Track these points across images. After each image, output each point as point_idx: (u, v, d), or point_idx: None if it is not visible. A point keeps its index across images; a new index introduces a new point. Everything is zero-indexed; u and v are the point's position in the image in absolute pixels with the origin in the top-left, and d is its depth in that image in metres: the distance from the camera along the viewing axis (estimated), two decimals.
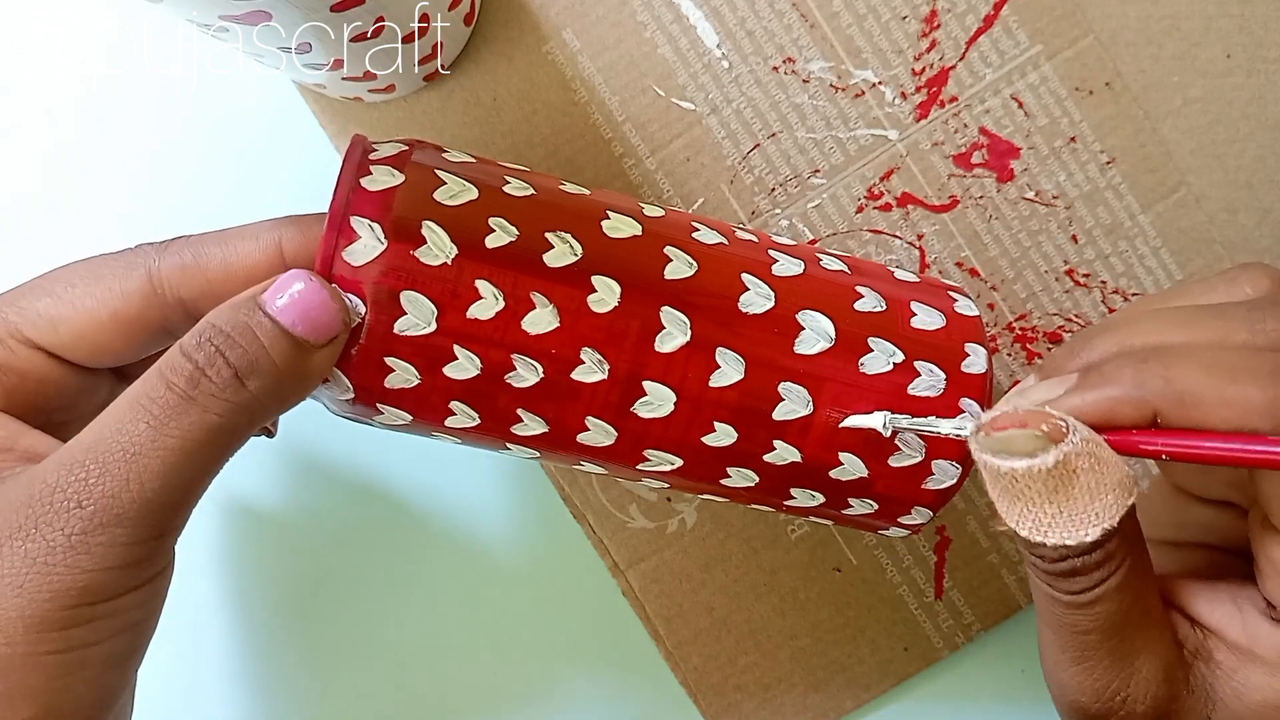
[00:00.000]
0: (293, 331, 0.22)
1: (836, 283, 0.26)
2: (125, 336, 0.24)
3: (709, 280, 0.25)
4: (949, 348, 0.26)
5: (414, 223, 0.23)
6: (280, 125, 0.35)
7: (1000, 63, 0.34)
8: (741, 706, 0.35)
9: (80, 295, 0.24)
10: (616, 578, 0.35)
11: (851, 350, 0.25)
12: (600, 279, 0.24)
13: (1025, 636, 0.36)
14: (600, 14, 0.34)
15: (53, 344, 0.24)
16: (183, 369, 0.21)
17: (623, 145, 0.34)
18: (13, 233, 0.36)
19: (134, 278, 0.24)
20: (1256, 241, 0.35)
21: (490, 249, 0.23)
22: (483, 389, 0.24)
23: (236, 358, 0.21)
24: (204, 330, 0.21)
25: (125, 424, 0.21)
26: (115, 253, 0.25)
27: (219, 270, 0.24)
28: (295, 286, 0.22)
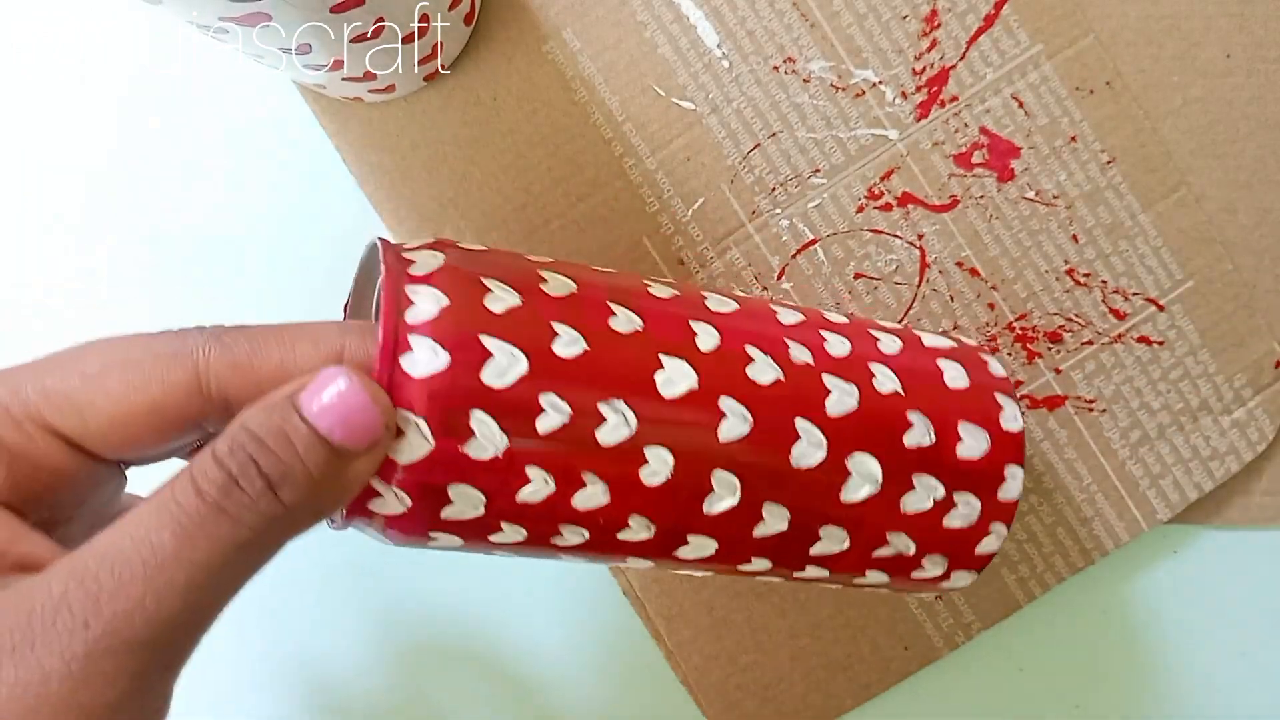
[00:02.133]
0: (330, 438, 0.20)
1: (889, 410, 0.26)
2: (158, 430, 0.21)
3: (763, 437, 0.24)
4: (990, 474, 0.27)
5: (463, 416, 0.22)
6: (280, 125, 0.35)
7: (1001, 62, 0.34)
8: (742, 705, 0.35)
9: (115, 381, 0.21)
10: (617, 577, 0.35)
11: (896, 490, 0.26)
12: (653, 450, 0.23)
13: (1025, 636, 0.37)
14: (600, 14, 0.34)
15: (77, 433, 0.21)
16: (216, 477, 0.19)
17: (623, 145, 0.34)
18: (10, 231, 0.36)
19: (179, 369, 0.21)
20: (1257, 241, 0.35)
21: (542, 435, 0.22)
22: (527, 548, 0.24)
23: (270, 466, 0.19)
24: (237, 435, 0.19)
25: (148, 532, 0.19)
26: (156, 335, 0.22)
27: (273, 373, 0.21)
28: (335, 386, 0.20)
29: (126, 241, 0.36)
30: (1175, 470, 0.35)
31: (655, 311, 0.25)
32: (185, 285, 0.36)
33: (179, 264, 0.36)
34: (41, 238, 0.36)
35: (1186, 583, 0.37)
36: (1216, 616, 0.37)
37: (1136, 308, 0.35)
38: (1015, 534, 0.35)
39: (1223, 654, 0.37)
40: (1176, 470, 0.35)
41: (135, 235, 0.36)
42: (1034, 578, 0.35)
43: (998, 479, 0.27)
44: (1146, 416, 0.35)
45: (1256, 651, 0.37)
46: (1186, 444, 0.35)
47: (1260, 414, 0.35)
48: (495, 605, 0.36)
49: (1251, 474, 0.36)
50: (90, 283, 0.36)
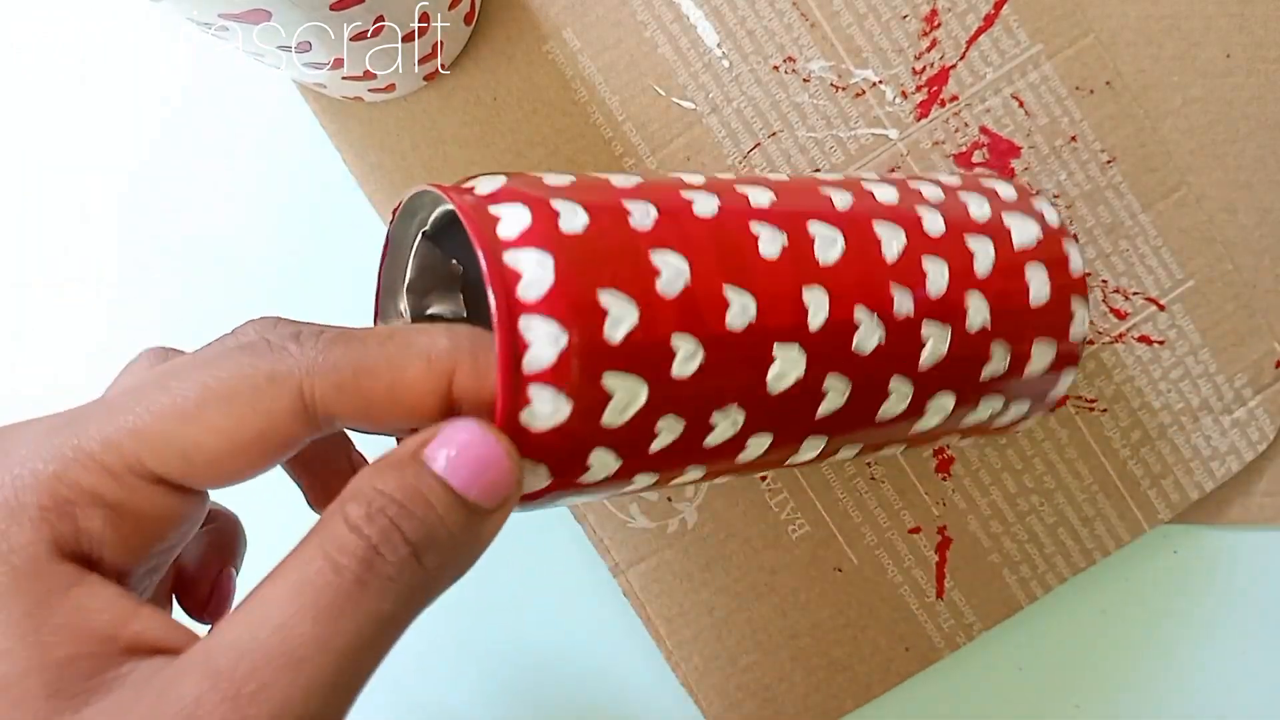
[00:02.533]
0: (466, 496, 0.19)
1: (975, 348, 0.26)
2: (265, 458, 0.19)
3: (855, 402, 0.25)
4: (1045, 384, 0.29)
5: (582, 456, 0.22)
6: (280, 125, 0.35)
7: (1001, 62, 0.34)
8: (743, 706, 0.35)
9: (217, 416, 0.19)
10: (617, 578, 0.35)
11: (964, 413, 0.28)
12: (755, 439, 0.24)
13: (1026, 636, 0.37)
14: (600, 13, 0.34)
15: (180, 475, 0.19)
16: (354, 548, 0.17)
17: (623, 145, 0.34)
18: (10, 231, 0.36)
19: (283, 396, 0.19)
20: (1257, 241, 0.35)
21: (654, 453, 0.22)
22: (658, 488, 0.25)
23: (412, 530, 0.18)
24: (373, 499, 0.18)
25: (288, 621, 0.17)
26: (245, 351, 0.19)
27: (383, 395, 0.19)
28: (463, 440, 0.19)
29: (126, 241, 0.35)
30: (1176, 470, 0.35)
31: (767, 285, 0.23)
32: (186, 285, 0.36)
33: (179, 263, 0.36)
34: (42, 237, 0.36)
35: (1186, 583, 0.37)
36: (1216, 616, 0.37)
37: (1137, 307, 0.35)
38: (1016, 534, 0.35)
39: (1223, 654, 0.37)
40: (1177, 470, 0.35)
41: (135, 235, 0.35)
42: (1035, 578, 0.35)
43: (1050, 384, 0.29)
44: (1147, 416, 0.35)
45: (1256, 651, 0.37)
46: (1187, 444, 0.35)
47: (1261, 413, 0.35)
48: (495, 605, 0.36)
49: (1252, 474, 0.36)
50: (90, 282, 0.36)
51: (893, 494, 0.35)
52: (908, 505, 0.35)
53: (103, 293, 0.36)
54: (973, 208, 0.28)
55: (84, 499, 0.18)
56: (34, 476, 0.18)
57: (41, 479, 0.18)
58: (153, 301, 0.35)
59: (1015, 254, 0.27)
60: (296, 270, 0.35)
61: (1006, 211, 0.28)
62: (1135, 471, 0.35)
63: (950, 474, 0.35)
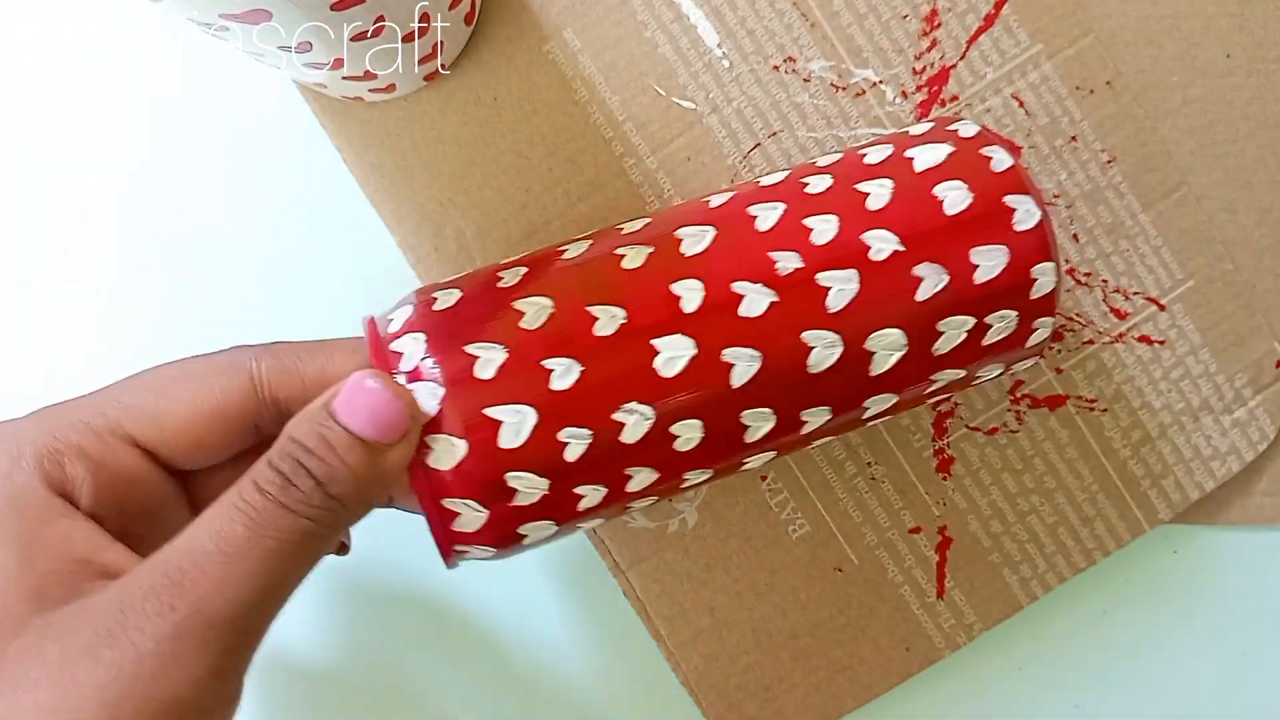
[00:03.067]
0: (364, 436, 0.22)
1: (892, 275, 0.26)
2: (224, 432, 0.24)
3: (774, 364, 0.25)
4: (1017, 286, 0.27)
5: (500, 482, 0.24)
6: (280, 125, 0.35)
7: (1001, 62, 0.34)
8: (743, 706, 0.35)
9: (183, 391, 0.24)
10: (617, 578, 0.35)
11: (927, 344, 0.26)
12: (681, 425, 0.25)
13: (1027, 636, 0.37)
14: (600, 13, 0.34)
15: (154, 440, 0.24)
16: (273, 478, 0.22)
17: (623, 144, 0.34)
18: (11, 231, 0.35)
19: (237, 376, 0.24)
20: (1257, 241, 0.35)
21: (572, 461, 0.25)
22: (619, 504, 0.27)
23: (316, 468, 0.22)
24: (285, 444, 0.22)
25: (222, 525, 0.21)
26: (213, 353, 0.25)
27: (315, 377, 0.25)
28: (362, 391, 0.23)
29: (126, 241, 0.35)
30: (1177, 470, 0.35)
31: (633, 294, 0.25)
32: (186, 285, 0.36)
33: (179, 263, 0.35)
34: (42, 237, 0.35)
35: (1186, 583, 0.37)
36: (1216, 616, 0.37)
37: (1137, 307, 0.35)
38: (1017, 534, 0.35)
39: (1223, 654, 0.37)
40: (1178, 470, 0.35)
41: (135, 235, 0.35)
42: (1035, 578, 0.35)
43: (1027, 284, 0.27)
44: (1147, 416, 0.35)
45: (1256, 651, 0.37)
46: (1188, 443, 0.35)
47: (1261, 413, 0.35)
48: (495, 605, 0.36)
49: (1252, 474, 0.36)
50: (90, 283, 0.36)
51: (893, 494, 0.35)
52: (908, 505, 0.35)
53: (103, 293, 0.36)
54: (870, 157, 0.28)
55: (71, 451, 0.23)
56: (33, 431, 0.23)
57: (38, 434, 0.23)
58: (152, 301, 0.35)
59: (918, 177, 0.27)
60: (296, 270, 0.35)
61: (912, 147, 0.28)
62: (1135, 471, 0.35)
63: (950, 474, 0.35)
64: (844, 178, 0.27)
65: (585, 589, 0.36)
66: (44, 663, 0.20)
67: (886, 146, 0.28)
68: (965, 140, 0.28)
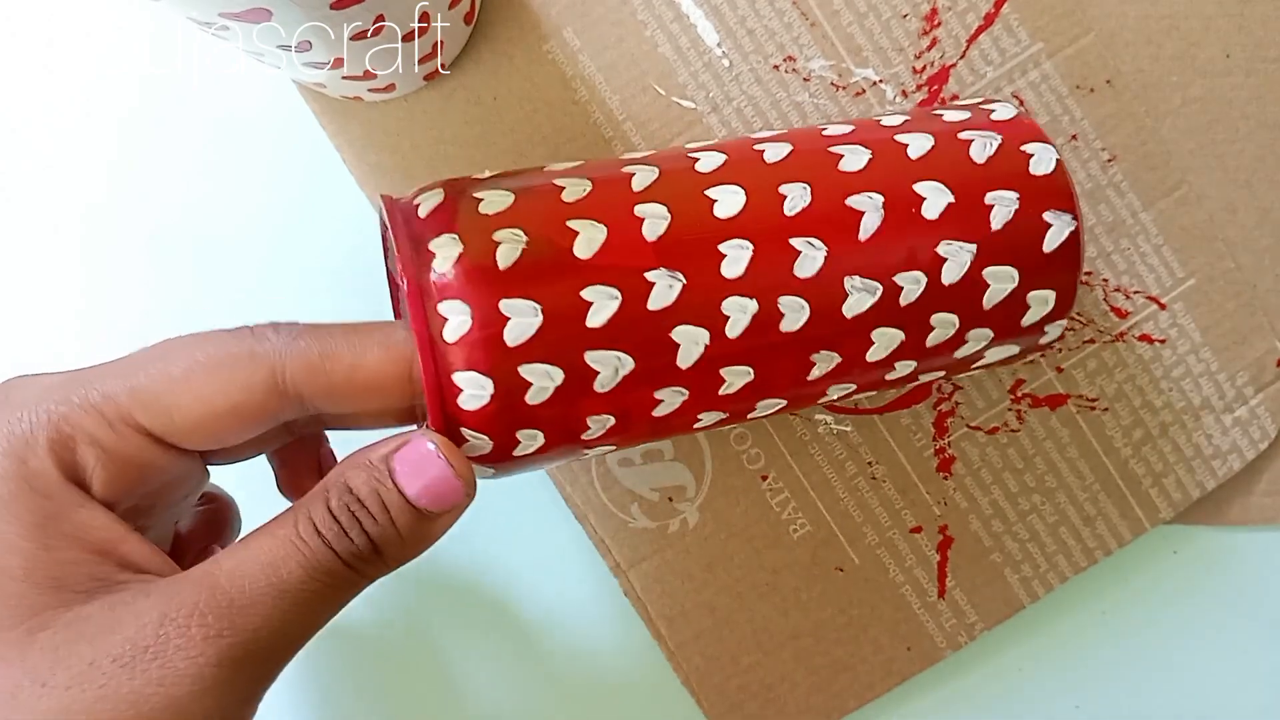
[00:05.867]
0: (418, 505, 0.23)
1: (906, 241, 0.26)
2: (241, 428, 0.23)
3: (758, 322, 0.25)
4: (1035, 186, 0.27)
5: (513, 434, 0.24)
6: (280, 125, 0.35)
7: (1001, 60, 0.34)
8: (744, 706, 0.35)
9: (199, 383, 0.23)
10: (618, 577, 0.35)
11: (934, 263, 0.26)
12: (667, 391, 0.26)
13: (1026, 635, 0.36)
14: (600, 13, 0.34)
15: (165, 431, 0.23)
16: (330, 526, 0.22)
17: (624, 144, 0.34)
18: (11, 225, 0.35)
19: (259, 371, 0.23)
20: (1257, 240, 0.35)
21: (599, 392, 0.25)
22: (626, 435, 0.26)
23: (370, 525, 0.22)
24: (344, 494, 0.22)
25: (277, 559, 0.21)
26: (234, 334, 0.24)
27: (344, 377, 0.24)
28: (423, 458, 0.23)
29: (125, 241, 0.35)
30: (1178, 469, 0.35)
31: (693, 276, 0.25)
32: (186, 285, 0.35)
33: (179, 264, 0.35)
34: (43, 238, 0.35)
35: (1186, 583, 0.37)
36: (1216, 616, 0.37)
37: (1138, 306, 0.35)
38: (1018, 534, 0.35)
39: (1223, 654, 0.37)
40: (1179, 469, 0.35)
41: (135, 235, 0.35)
42: (1037, 577, 0.35)
43: (1036, 223, 0.27)
44: (1148, 415, 0.35)
45: (1256, 651, 0.37)
46: (1189, 442, 0.35)
47: (1262, 412, 0.35)
48: (496, 605, 0.36)
49: (1252, 474, 0.36)
50: (90, 282, 0.36)
51: (894, 493, 0.35)
52: (909, 504, 0.35)
53: (102, 293, 0.35)
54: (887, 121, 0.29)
55: (83, 438, 0.22)
56: (47, 416, 0.22)
57: (52, 419, 0.22)
58: (151, 302, 0.35)
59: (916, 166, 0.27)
60: (296, 270, 0.35)
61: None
62: (1137, 470, 0.35)
63: (951, 473, 0.35)
64: (807, 142, 0.28)
65: (586, 589, 0.36)
66: (73, 664, 0.20)
67: None
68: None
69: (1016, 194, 0.26)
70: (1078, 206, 0.27)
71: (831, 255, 0.25)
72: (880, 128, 0.28)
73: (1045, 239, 0.26)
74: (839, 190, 0.26)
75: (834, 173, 0.26)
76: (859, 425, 0.35)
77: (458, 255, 0.23)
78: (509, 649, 0.36)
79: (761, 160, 0.26)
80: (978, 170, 0.27)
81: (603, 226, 0.24)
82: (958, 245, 0.26)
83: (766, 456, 0.35)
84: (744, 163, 0.26)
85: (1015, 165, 0.27)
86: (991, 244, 0.26)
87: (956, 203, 0.26)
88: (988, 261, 0.26)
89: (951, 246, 0.26)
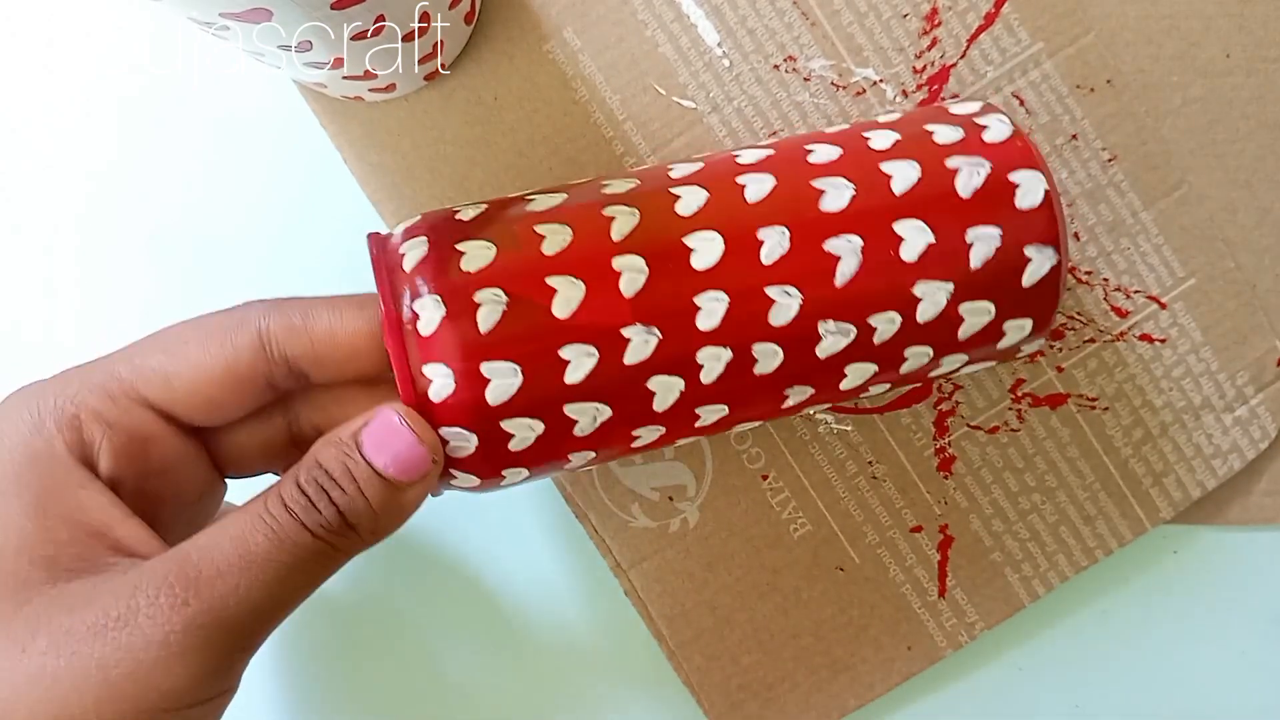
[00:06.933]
0: (386, 474, 0.23)
1: (893, 285, 0.26)
2: (235, 390, 0.24)
3: (737, 309, 0.25)
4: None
5: (497, 426, 0.25)
6: (281, 125, 0.35)
7: (1001, 60, 0.34)
8: (745, 706, 0.35)
9: (193, 351, 0.24)
10: (618, 577, 0.35)
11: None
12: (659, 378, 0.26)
13: (1025, 635, 0.36)
14: (601, 13, 0.34)
15: (166, 400, 0.24)
16: (299, 500, 0.23)
17: (624, 144, 0.34)
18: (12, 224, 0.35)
19: (245, 334, 0.24)
20: (1257, 240, 0.35)
21: (579, 436, 0.26)
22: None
23: (338, 498, 0.23)
24: (312, 469, 0.23)
25: (245, 532, 0.22)
26: (222, 311, 0.25)
27: (324, 335, 0.25)
28: (390, 429, 0.23)
29: (126, 242, 0.35)
30: (1178, 468, 0.35)
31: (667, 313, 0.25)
32: (186, 285, 0.35)
33: (180, 264, 0.35)
34: (43, 238, 0.35)
35: (1186, 583, 0.37)
36: (1216, 616, 0.37)
37: (1138, 305, 0.35)
38: (1018, 533, 0.35)
39: (1223, 654, 0.37)
40: (1179, 468, 0.35)
41: (135, 235, 0.35)
42: (1037, 576, 0.35)
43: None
44: (1149, 414, 0.35)
45: (1256, 651, 0.37)
46: (1189, 442, 0.35)
47: (1263, 411, 0.35)
48: (497, 605, 0.36)
49: (1252, 474, 0.36)
50: (91, 283, 0.36)
51: (894, 492, 0.35)
52: (909, 504, 0.35)
53: (102, 293, 0.36)
54: None
55: (89, 416, 0.23)
56: (54, 398, 0.23)
57: (59, 401, 0.23)
58: (151, 302, 0.35)
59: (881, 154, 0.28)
60: (296, 270, 0.35)
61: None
62: (1137, 470, 0.35)
63: (952, 472, 0.35)
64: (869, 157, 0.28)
65: (586, 589, 0.36)
66: (51, 632, 0.21)
67: None
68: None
69: (999, 229, 0.26)
70: (1063, 241, 0.27)
71: (807, 301, 0.25)
72: (868, 152, 0.27)
73: (1025, 273, 0.26)
74: (817, 233, 0.26)
75: (814, 212, 0.26)
76: (859, 424, 0.35)
77: (440, 320, 0.24)
78: (509, 648, 0.36)
79: (742, 198, 0.26)
80: (961, 205, 0.26)
81: (581, 284, 0.25)
82: (935, 285, 0.26)
83: (767, 456, 0.35)
84: (724, 203, 0.26)
85: (1001, 198, 0.26)
86: (969, 281, 0.26)
87: (937, 243, 0.26)
88: (964, 297, 0.26)
89: (929, 286, 0.26)
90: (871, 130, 0.28)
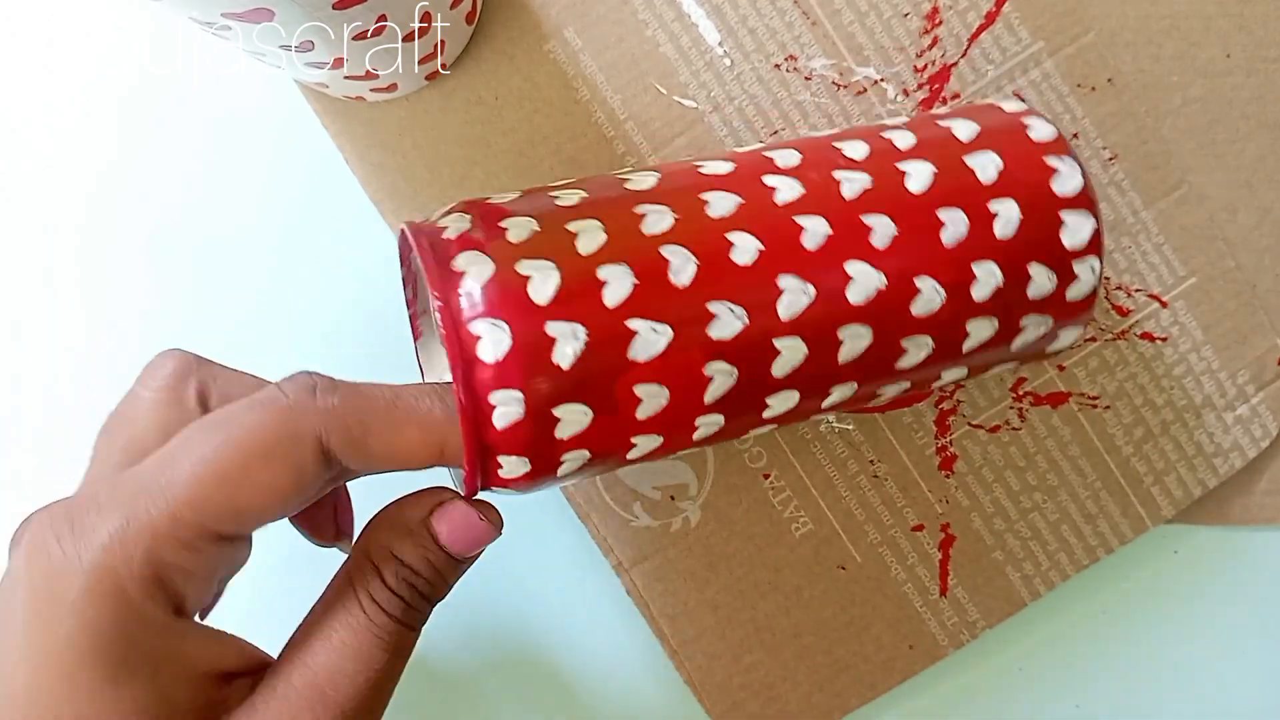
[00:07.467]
0: (458, 555, 0.25)
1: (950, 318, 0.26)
2: (299, 504, 0.24)
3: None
4: None
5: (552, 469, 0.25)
6: (282, 125, 0.35)
7: (1002, 59, 0.34)
8: (746, 705, 0.35)
9: (258, 476, 0.23)
10: (620, 576, 0.35)
11: None
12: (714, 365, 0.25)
13: (1030, 634, 0.37)
14: (601, 12, 0.34)
15: (237, 530, 0.23)
16: (397, 604, 0.24)
17: (625, 143, 0.34)
18: (11, 225, 0.35)
19: (307, 450, 0.23)
20: (1257, 240, 0.35)
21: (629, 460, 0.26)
22: None
23: (427, 589, 0.25)
24: (399, 569, 0.24)
25: (364, 651, 0.23)
26: (270, 409, 0.23)
27: (382, 452, 0.24)
28: (466, 523, 0.25)
29: (127, 242, 0.35)
30: (1179, 467, 0.35)
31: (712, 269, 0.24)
32: (187, 285, 0.35)
33: (180, 264, 0.35)
34: (44, 238, 0.35)
35: (1186, 583, 0.37)
36: (1216, 616, 0.37)
37: (1139, 304, 0.35)
38: (1019, 532, 0.35)
39: (1223, 654, 0.37)
40: (1180, 467, 0.35)
41: (136, 236, 0.35)
42: (1039, 575, 0.35)
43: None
44: (1150, 413, 0.35)
45: (1256, 651, 0.37)
46: (1190, 440, 0.35)
47: (1264, 410, 0.35)
48: (498, 605, 0.36)
49: (1252, 473, 0.36)
50: (91, 283, 0.36)
51: (896, 491, 0.35)
52: (911, 503, 0.35)
53: (103, 293, 0.35)
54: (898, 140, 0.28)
55: (170, 570, 0.22)
56: (124, 564, 0.22)
57: (133, 568, 0.22)
58: (152, 303, 0.35)
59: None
60: (298, 270, 0.35)
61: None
62: (1138, 468, 0.35)
63: (953, 471, 0.35)
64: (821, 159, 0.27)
65: (588, 588, 0.36)
66: None
67: None
68: None
69: (1051, 270, 0.26)
70: (1102, 251, 0.27)
71: (810, 358, 0.25)
72: (911, 200, 0.26)
73: (1071, 287, 0.27)
74: (841, 303, 0.25)
75: (840, 279, 0.25)
76: (861, 423, 0.35)
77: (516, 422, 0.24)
78: (510, 648, 0.36)
79: (800, 242, 0.25)
80: (1010, 244, 0.26)
81: None
82: (985, 320, 0.26)
83: (769, 455, 0.35)
84: (777, 244, 0.25)
85: (1046, 232, 0.26)
86: (1012, 312, 0.27)
87: (1004, 285, 0.26)
88: (1026, 311, 0.27)
89: (979, 323, 0.26)
90: (909, 171, 0.27)
